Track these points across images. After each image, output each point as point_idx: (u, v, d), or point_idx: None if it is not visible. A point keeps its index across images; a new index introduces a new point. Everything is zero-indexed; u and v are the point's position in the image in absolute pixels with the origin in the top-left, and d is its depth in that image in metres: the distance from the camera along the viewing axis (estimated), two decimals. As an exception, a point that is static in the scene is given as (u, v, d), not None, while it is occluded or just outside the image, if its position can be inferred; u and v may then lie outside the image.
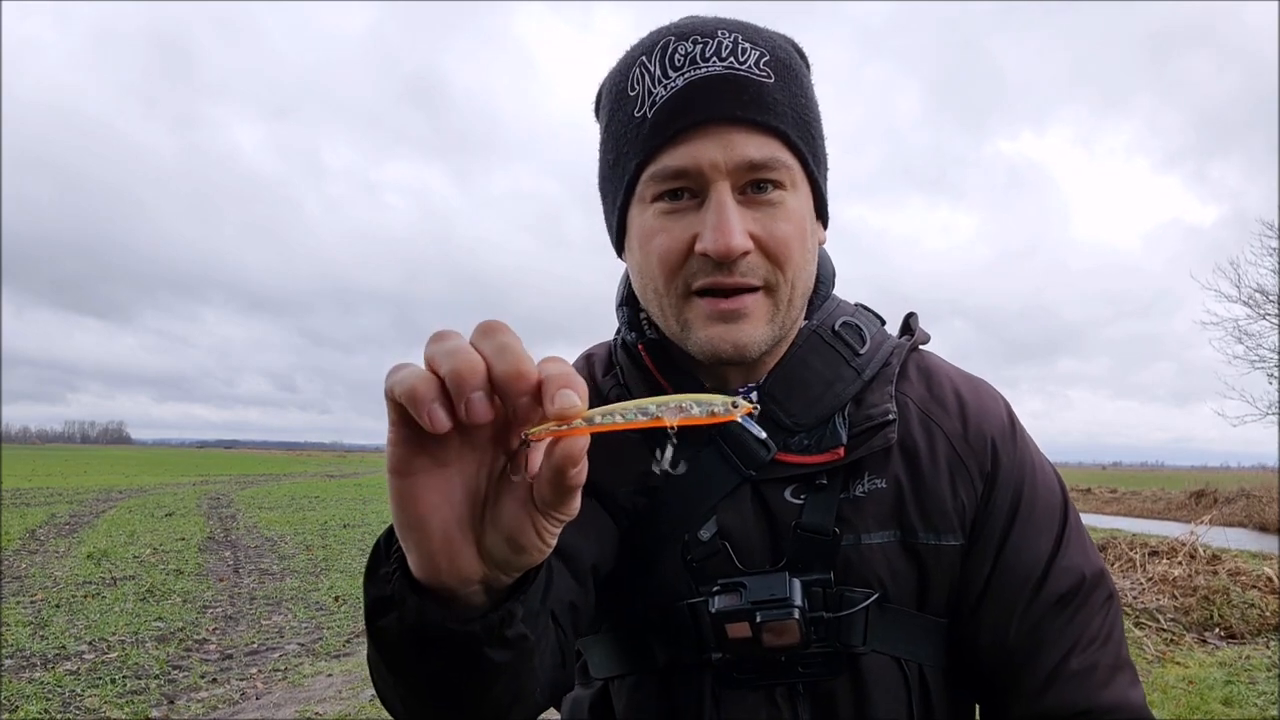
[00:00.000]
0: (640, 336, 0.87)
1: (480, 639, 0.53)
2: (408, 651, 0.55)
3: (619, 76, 0.80)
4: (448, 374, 0.43)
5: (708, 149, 0.73)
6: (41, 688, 4.81)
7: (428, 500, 0.48)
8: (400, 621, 0.53)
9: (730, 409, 0.48)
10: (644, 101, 0.75)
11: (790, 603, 0.76)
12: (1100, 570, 0.82)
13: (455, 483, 0.49)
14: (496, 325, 0.45)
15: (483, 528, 0.50)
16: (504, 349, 0.44)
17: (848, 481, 0.81)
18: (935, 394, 0.86)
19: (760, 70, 0.74)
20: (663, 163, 0.75)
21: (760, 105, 0.74)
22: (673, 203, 0.76)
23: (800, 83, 0.78)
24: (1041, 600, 0.79)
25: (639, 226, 0.79)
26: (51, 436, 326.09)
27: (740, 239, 0.73)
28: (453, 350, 0.44)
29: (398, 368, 0.45)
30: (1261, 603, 6.45)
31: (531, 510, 0.49)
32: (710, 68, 0.73)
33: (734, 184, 0.74)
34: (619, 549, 0.84)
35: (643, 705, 0.84)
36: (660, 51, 0.75)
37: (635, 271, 0.82)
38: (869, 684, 0.79)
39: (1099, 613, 0.80)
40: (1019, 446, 0.85)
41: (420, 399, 0.43)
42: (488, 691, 0.58)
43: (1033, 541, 0.81)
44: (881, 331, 0.89)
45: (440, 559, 0.50)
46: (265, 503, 18.75)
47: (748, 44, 0.75)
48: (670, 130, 0.74)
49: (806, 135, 0.78)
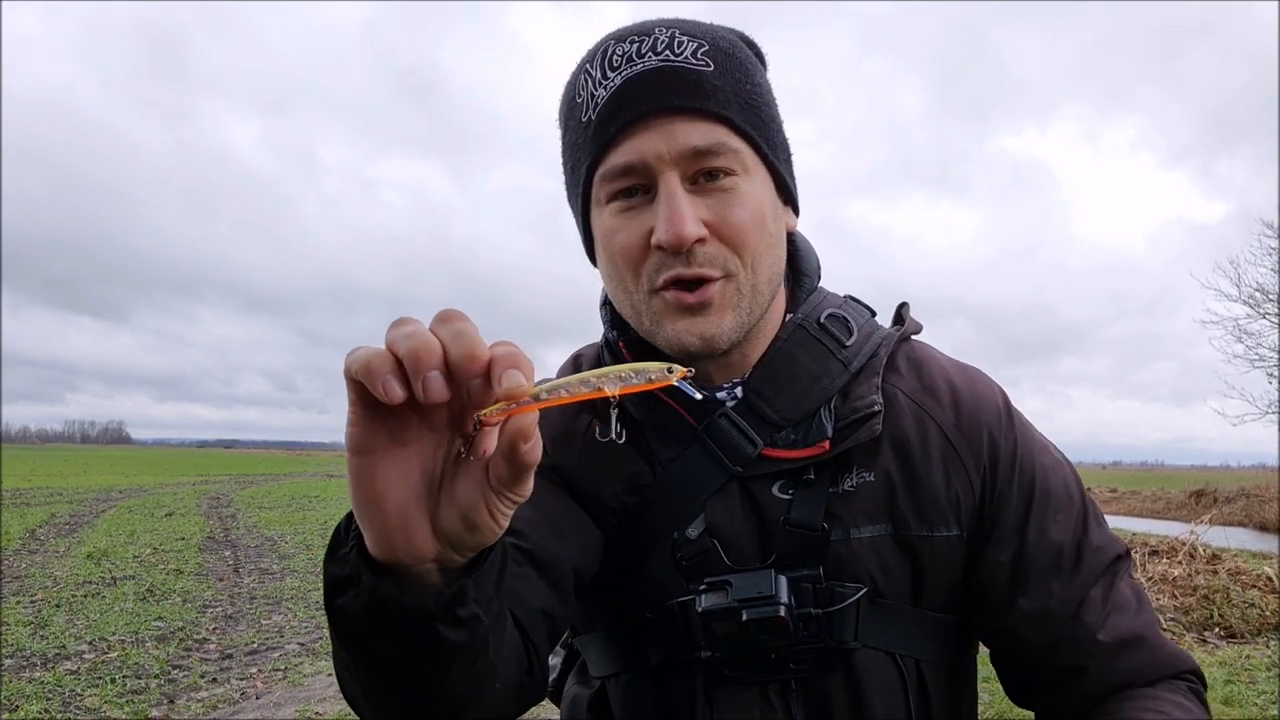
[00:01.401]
0: (622, 334, 0.88)
1: (433, 614, 0.54)
2: (365, 631, 0.56)
3: (569, 88, 0.81)
4: (405, 354, 0.45)
5: (651, 141, 0.74)
6: (41, 687, 4.81)
7: (385, 478, 0.49)
8: (356, 599, 0.54)
9: (666, 374, 0.50)
10: (588, 106, 0.76)
11: (776, 600, 0.75)
12: (1120, 541, 0.83)
13: (413, 462, 0.50)
14: (454, 313, 0.47)
15: (438, 506, 0.52)
16: (459, 334, 0.46)
17: (836, 476, 0.81)
18: (926, 384, 0.86)
19: (698, 60, 0.75)
20: (610, 161, 0.76)
21: (698, 93, 0.74)
22: (627, 200, 0.77)
23: (744, 69, 0.78)
24: (1081, 579, 0.79)
25: (599, 229, 0.80)
26: (51, 436, 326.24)
27: (692, 226, 0.73)
28: (410, 333, 0.45)
29: (356, 349, 0.47)
30: (1261, 602, 6.45)
31: (486, 490, 0.50)
32: (646, 63, 0.74)
33: (683, 174, 0.75)
34: (607, 550, 0.84)
35: (638, 703, 0.84)
36: (601, 55, 0.76)
37: (604, 274, 0.83)
38: (863, 680, 0.79)
39: (1128, 581, 0.82)
40: (1018, 431, 0.85)
41: (375, 372, 0.44)
42: (444, 674, 0.58)
43: (1059, 522, 0.81)
44: (870, 323, 0.88)
45: (396, 536, 0.51)
46: (265, 502, 18.75)
47: (685, 37, 0.76)
48: (612, 128, 0.75)
49: (754, 120, 0.77)
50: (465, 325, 0.46)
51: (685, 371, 0.51)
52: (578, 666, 0.96)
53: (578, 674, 0.95)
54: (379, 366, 0.45)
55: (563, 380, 0.49)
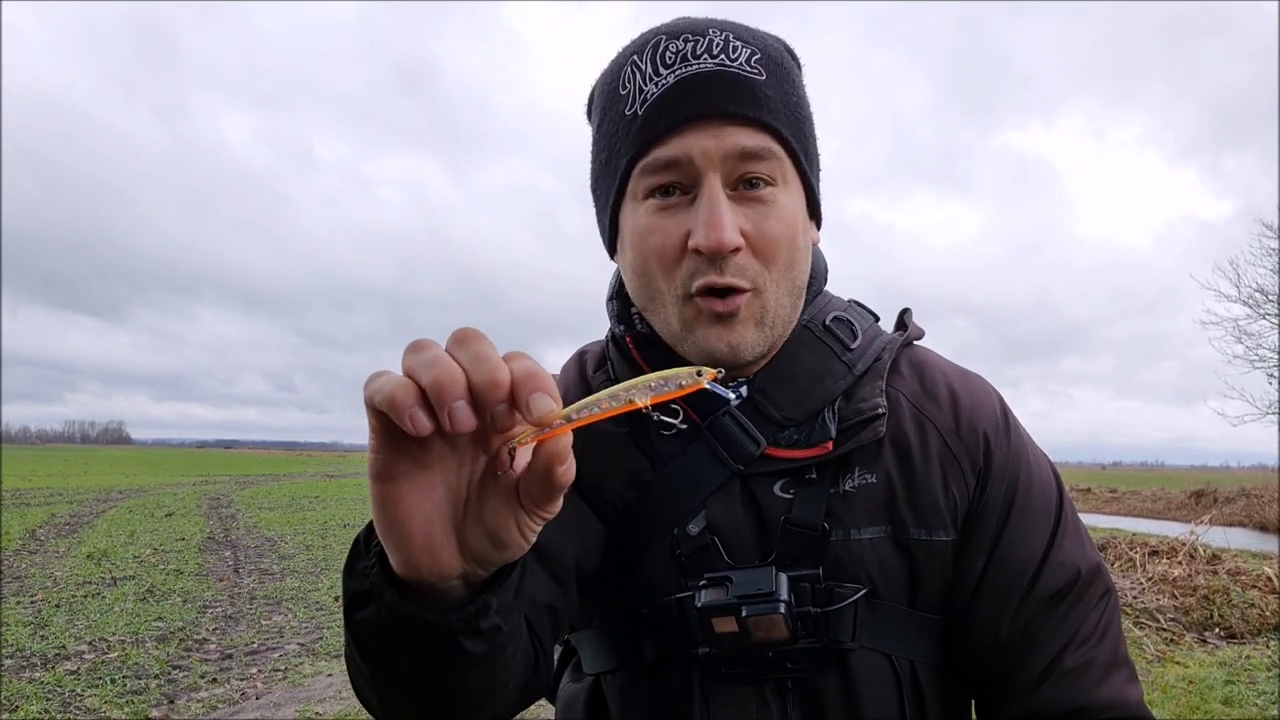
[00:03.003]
0: (629, 329, 0.88)
1: (456, 630, 0.54)
2: (385, 644, 0.56)
3: (610, 77, 0.80)
4: (428, 384, 0.44)
5: (700, 140, 0.73)
6: (41, 688, 4.81)
7: (410, 503, 0.49)
8: (377, 615, 0.54)
9: (696, 378, 0.49)
10: (635, 99, 0.76)
11: (776, 597, 0.75)
12: (1096, 565, 0.81)
13: (437, 484, 0.50)
14: (471, 334, 0.47)
15: (465, 525, 0.52)
16: (478, 359, 0.45)
17: (837, 476, 0.81)
18: (928, 389, 0.86)
19: (751, 67, 0.75)
20: (654, 154, 0.75)
21: (752, 101, 0.74)
22: (665, 199, 0.76)
23: (792, 81, 0.79)
24: (1035, 596, 0.79)
25: (632, 225, 0.79)
26: (51, 436, 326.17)
27: (732, 233, 0.73)
28: (431, 361, 0.45)
29: (375, 376, 0.46)
30: (1261, 602, 6.45)
31: (515, 507, 0.50)
32: (701, 65, 0.74)
33: (725, 178, 0.74)
34: (607, 545, 0.84)
35: (633, 700, 0.84)
36: (651, 50, 0.76)
37: (629, 270, 0.82)
38: (858, 680, 0.79)
39: (1095, 608, 0.79)
40: (1013, 441, 0.85)
41: (400, 405, 0.44)
42: (462, 681, 0.59)
43: (1027, 536, 0.81)
44: (874, 327, 0.89)
45: (421, 558, 0.51)
46: (265, 503, 18.75)
47: (739, 42, 0.76)
48: (662, 125, 0.74)
49: (799, 133, 0.78)
50: (484, 347, 0.45)
51: (715, 373, 0.50)
52: (573, 663, 0.96)
53: (573, 671, 0.95)
54: (403, 399, 0.44)
55: (593, 398, 0.48)
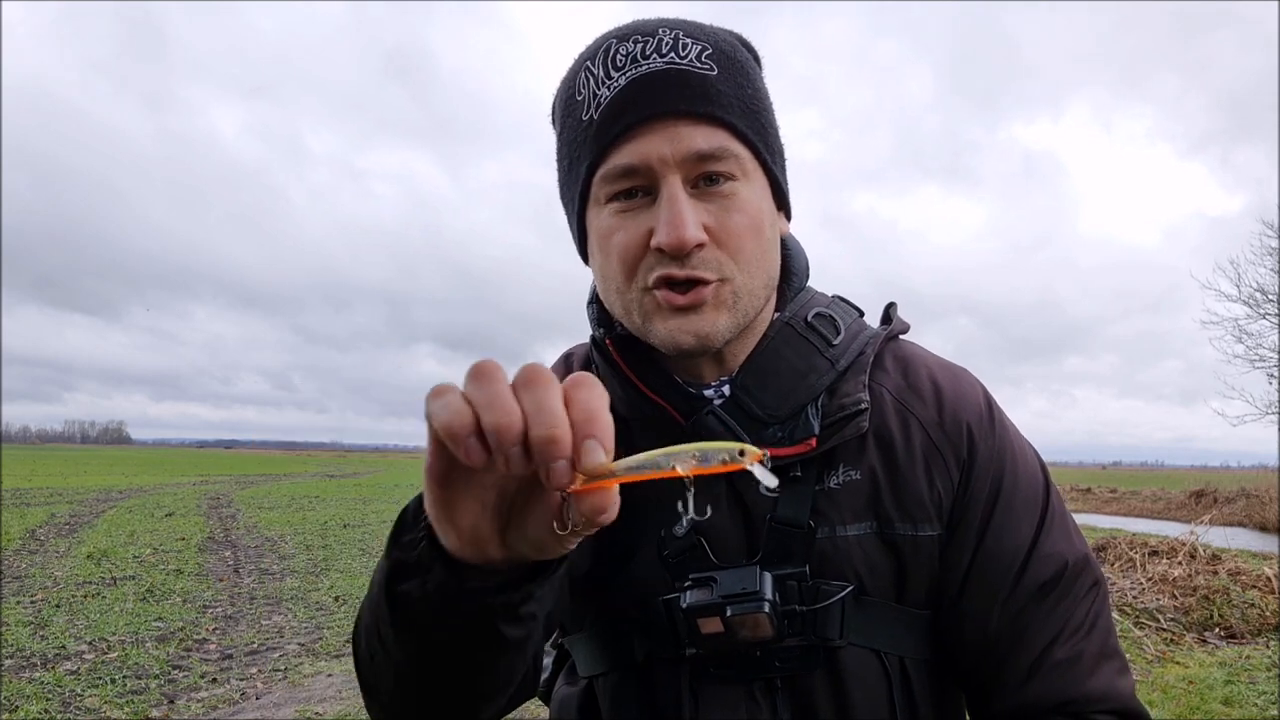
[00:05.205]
0: (609, 332, 0.88)
1: (497, 611, 0.57)
2: (425, 618, 0.58)
3: (567, 84, 0.81)
4: (486, 426, 0.46)
5: (655, 144, 0.74)
6: (41, 688, 4.82)
7: (462, 503, 0.53)
8: (423, 587, 0.56)
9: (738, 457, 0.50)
10: (589, 104, 0.76)
11: (760, 596, 0.76)
12: (1084, 556, 0.81)
13: (488, 485, 0.53)
14: (537, 377, 0.47)
15: (509, 526, 0.54)
16: (541, 410, 0.46)
17: (822, 473, 0.81)
18: (911, 383, 0.86)
19: (702, 63, 0.75)
20: (612, 162, 0.75)
21: (704, 97, 0.74)
22: (627, 201, 0.77)
23: (745, 74, 0.79)
24: (1023, 588, 0.79)
25: (596, 229, 0.80)
26: (51, 436, 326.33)
27: (693, 231, 0.73)
28: (491, 400, 0.46)
29: (438, 393, 0.48)
30: (1261, 603, 6.46)
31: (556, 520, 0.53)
32: (651, 64, 0.74)
33: (685, 177, 0.75)
34: (596, 547, 0.84)
35: (625, 701, 0.85)
36: (603, 54, 0.76)
37: (598, 273, 0.83)
38: (847, 677, 0.79)
39: (1083, 600, 0.79)
40: (997, 433, 0.85)
41: (457, 436, 0.46)
42: (492, 665, 0.62)
43: (1013, 528, 0.81)
44: (858, 322, 0.88)
45: (467, 549, 0.54)
46: (265, 503, 18.76)
47: (689, 39, 0.76)
48: (615, 129, 0.74)
49: (755, 125, 0.78)
50: (548, 396, 0.47)
51: (759, 455, 0.51)
52: (567, 667, 0.96)
53: (567, 674, 0.96)
54: (461, 430, 0.46)
55: (637, 459, 0.51)
